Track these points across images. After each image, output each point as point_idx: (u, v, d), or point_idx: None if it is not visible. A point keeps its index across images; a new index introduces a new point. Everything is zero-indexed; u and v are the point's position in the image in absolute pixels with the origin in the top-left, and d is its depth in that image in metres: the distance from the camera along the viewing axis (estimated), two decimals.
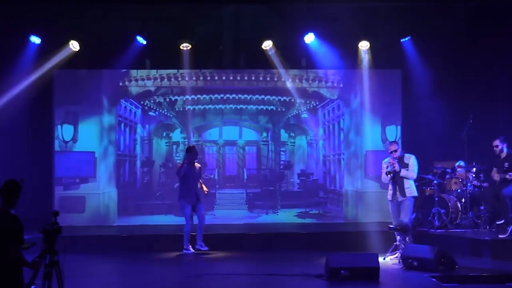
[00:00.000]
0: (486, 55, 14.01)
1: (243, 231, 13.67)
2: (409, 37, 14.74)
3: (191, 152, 12.29)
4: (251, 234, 13.35)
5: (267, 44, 14.65)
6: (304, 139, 15.91)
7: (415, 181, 11.45)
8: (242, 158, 15.84)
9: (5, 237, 5.84)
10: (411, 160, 11.19)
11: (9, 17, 13.54)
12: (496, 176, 12.14)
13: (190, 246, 12.08)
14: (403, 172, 11.08)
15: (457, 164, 13.43)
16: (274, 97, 15.63)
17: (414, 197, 11.22)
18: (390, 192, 11.31)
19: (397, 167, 11.08)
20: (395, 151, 11.23)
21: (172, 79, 15.47)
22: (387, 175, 11.21)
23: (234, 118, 15.73)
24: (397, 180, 11.15)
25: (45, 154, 14.82)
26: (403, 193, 11.11)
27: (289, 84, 15.37)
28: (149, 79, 15.44)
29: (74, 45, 14.38)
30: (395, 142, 11.65)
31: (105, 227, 14.62)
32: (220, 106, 15.68)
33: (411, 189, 11.14)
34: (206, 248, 12.09)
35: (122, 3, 13.90)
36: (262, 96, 15.59)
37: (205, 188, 12.48)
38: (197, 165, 12.40)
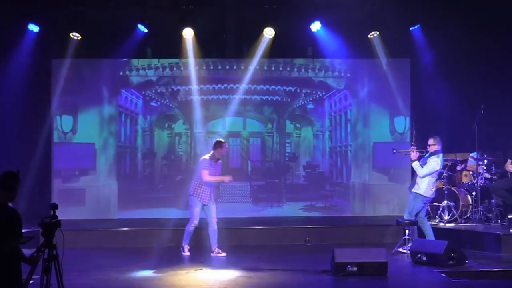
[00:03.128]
0: (497, 43, 13.71)
1: (247, 225, 13.53)
2: (418, 25, 14.55)
3: (221, 147, 11.42)
4: (255, 228, 13.23)
5: (269, 33, 14.43)
6: (310, 131, 15.70)
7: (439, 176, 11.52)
8: (246, 150, 15.60)
9: (3, 231, 5.73)
10: (432, 158, 11.05)
11: (6, 5, 13.33)
12: (510, 167, 11.85)
13: (187, 246, 11.47)
14: (414, 164, 11.07)
15: (471, 154, 13.21)
16: (279, 87, 15.46)
17: (420, 195, 11.07)
18: None
19: (413, 155, 11.13)
20: (429, 145, 11.17)
21: (174, 69, 15.36)
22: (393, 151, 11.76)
23: (238, 108, 15.47)
24: (416, 176, 11.22)
25: (43, 145, 14.67)
26: (414, 187, 11.15)
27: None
28: (150, 68, 15.31)
29: (76, 35, 14.24)
30: (434, 137, 11.27)
31: (105, 221, 14.50)
32: (223, 96, 15.49)
33: (420, 186, 11.05)
34: (224, 254, 11.42)
35: None
36: (267, 86, 15.42)
37: (226, 178, 11.57)
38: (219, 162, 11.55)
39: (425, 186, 11.02)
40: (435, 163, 10.97)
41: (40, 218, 6.27)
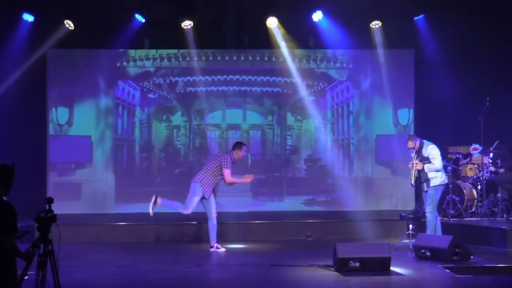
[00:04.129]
0: (503, 34, 13.65)
1: (247, 220, 13.42)
2: (422, 15, 14.43)
3: (240, 149, 11.14)
4: (256, 223, 13.11)
5: (272, 22, 14.31)
6: (311, 123, 15.58)
7: (444, 168, 11.29)
8: (246, 143, 15.34)
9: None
10: (429, 149, 10.83)
11: None
12: None
13: (160, 202, 11.04)
14: (427, 168, 10.78)
15: (471, 147, 13.09)
16: (280, 78, 15.35)
17: (440, 185, 10.87)
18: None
19: (419, 166, 10.82)
20: (413, 147, 10.93)
21: (173, 60, 15.24)
22: (410, 185, 11.29)
23: (238, 100, 15.43)
24: (421, 171, 10.93)
25: (38, 138, 14.65)
26: (428, 183, 10.90)
27: (291, 65, 14.97)
28: (148, 59, 15.19)
29: (70, 24, 14.12)
30: (409, 137, 11.08)
31: (102, 215, 14.42)
32: (223, 88, 15.38)
33: (435, 179, 10.80)
34: (223, 249, 11.21)
35: None
36: (267, 78, 15.30)
37: (248, 178, 11.52)
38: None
39: (439, 173, 10.83)
40: (434, 150, 10.80)
41: (36, 213, 6.18)
